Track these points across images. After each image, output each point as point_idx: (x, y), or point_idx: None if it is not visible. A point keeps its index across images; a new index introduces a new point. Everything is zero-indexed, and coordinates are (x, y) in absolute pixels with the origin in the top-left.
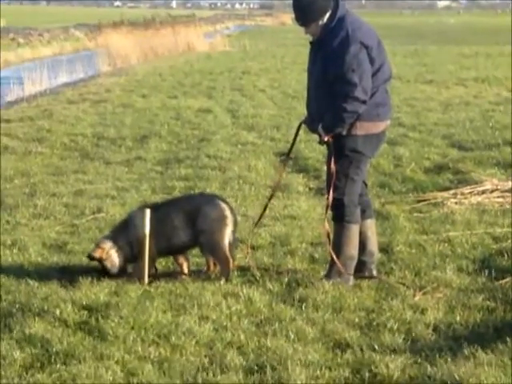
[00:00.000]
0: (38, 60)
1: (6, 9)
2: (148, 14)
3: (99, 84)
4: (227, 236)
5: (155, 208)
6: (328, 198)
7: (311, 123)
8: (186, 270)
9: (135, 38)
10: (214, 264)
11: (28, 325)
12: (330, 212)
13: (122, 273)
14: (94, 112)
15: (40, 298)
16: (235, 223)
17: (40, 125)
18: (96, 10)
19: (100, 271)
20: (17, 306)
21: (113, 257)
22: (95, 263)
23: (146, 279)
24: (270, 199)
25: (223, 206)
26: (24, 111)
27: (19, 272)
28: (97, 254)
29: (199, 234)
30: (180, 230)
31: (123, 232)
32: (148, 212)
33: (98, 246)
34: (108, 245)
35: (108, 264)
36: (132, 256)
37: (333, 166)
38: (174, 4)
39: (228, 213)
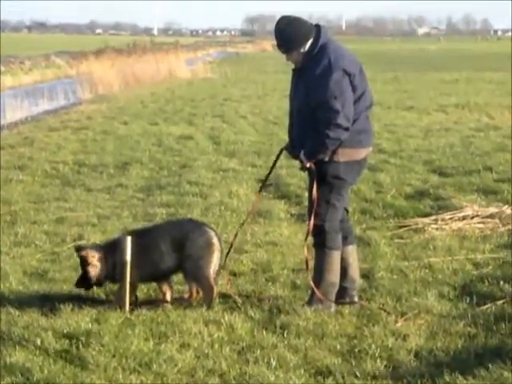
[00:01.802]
0: (19, 87)
1: None
2: (130, 41)
3: (80, 111)
4: (213, 264)
5: (143, 233)
6: (309, 225)
7: (293, 149)
8: (168, 299)
9: (117, 65)
10: (197, 291)
11: (9, 353)
12: (310, 238)
13: (96, 285)
14: (75, 139)
15: (21, 327)
16: (221, 251)
17: (21, 152)
18: (77, 38)
19: (79, 281)
20: None
21: (97, 266)
22: (76, 291)
23: (128, 307)
24: (242, 223)
25: (211, 233)
26: (5, 139)
27: None
28: (85, 254)
29: (185, 259)
30: (167, 255)
31: (111, 251)
32: (129, 239)
33: (90, 249)
34: (98, 254)
35: (91, 271)
36: (112, 276)
37: (314, 192)
38: (155, 31)
39: (215, 240)
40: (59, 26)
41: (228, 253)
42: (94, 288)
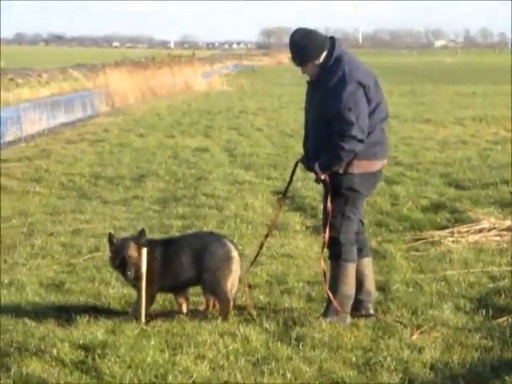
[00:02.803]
0: (36, 100)
1: (5, 50)
2: (147, 54)
3: (97, 124)
4: (231, 276)
5: (164, 243)
6: (324, 237)
7: (308, 161)
8: (184, 311)
9: (134, 78)
10: (214, 304)
11: (25, 364)
12: (326, 250)
13: (134, 281)
14: (91, 151)
15: (37, 338)
16: (240, 264)
17: (38, 165)
18: (95, 51)
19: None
20: (14, 345)
21: (143, 259)
22: (92, 302)
23: (144, 318)
24: (265, 238)
25: (230, 246)
26: (22, 151)
27: (16, 311)
28: (132, 250)
29: (203, 271)
30: (186, 267)
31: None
32: (145, 251)
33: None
34: (145, 249)
35: (135, 265)
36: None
37: (329, 204)
38: (172, 44)
39: (234, 253)
40: (76, 39)
41: (250, 265)
42: (110, 300)
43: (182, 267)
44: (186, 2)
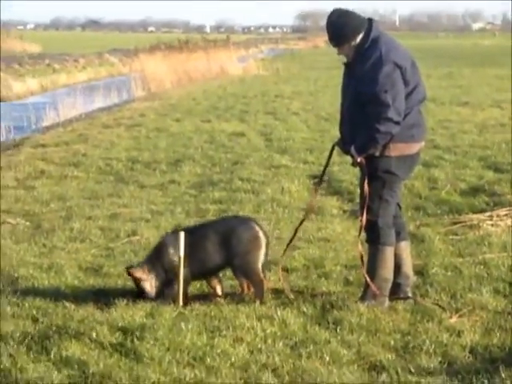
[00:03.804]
0: (73, 85)
1: (42, 35)
2: (183, 38)
3: (133, 108)
4: (260, 258)
5: (189, 231)
6: (361, 220)
7: (344, 145)
8: (219, 292)
9: (169, 63)
10: (248, 286)
11: (65, 347)
12: (363, 234)
13: (157, 297)
14: (128, 136)
15: (76, 321)
16: (268, 245)
17: (75, 149)
18: (130, 36)
19: (136, 294)
20: (54, 328)
21: (151, 279)
22: (131, 285)
23: (181, 301)
24: (301, 222)
25: (257, 228)
26: (60, 136)
27: (56, 295)
28: (138, 274)
29: (233, 256)
30: (214, 253)
31: (158, 258)
32: (182, 235)
33: (137, 267)
34: (147, 268)
35: (147, 286)
36: (167, 281)
37: (366, 187)
38: (207, 29)
39: (261, 234)
40: (113, 24)
41: (286, 249)
42: None
43: (208, 254)
44: None
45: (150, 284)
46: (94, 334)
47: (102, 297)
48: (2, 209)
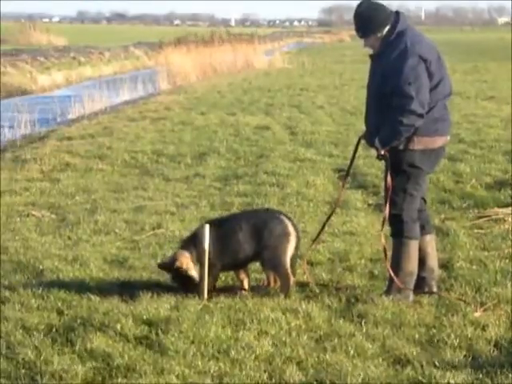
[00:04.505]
0: (98, 78)
1: (68, 28)
2: (208, 32)
3: (159, 102)
4: (289, 252)
5: (221, 222)
6: (385, 214)
7: (369, 137)
8: (246, 286)
9: (194, 56)
10: (275, 280)
11: (89, 339)
12: (387, 228)
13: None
14: (153, 129)
15: (101, 313)
16: (298, 240)
17: (101, 142)
18: (156, 29)
19: (182, 285)
20: (78, 320)
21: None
22: (155, 278)
23: (206, 294)
24: (329, 216)
25: (288, 222)
26: (85, 129)
27: (81, 287)
28: (182, 264)
29: (263, 248)
30: (245, 244)
31: (194, 245)
32: (208, 227)
33: (176, 257)
34: (188, 255)
35: (193, 273)
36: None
37: (389, 180)
38: (232, 22)
39: (292, 229)
40: (138, 17)
41: (313, 243)
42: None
43: (240, 245)
44: None
45: (194, 271)
46: (118, 327)
47: (127, 289)
48: (27, 201)
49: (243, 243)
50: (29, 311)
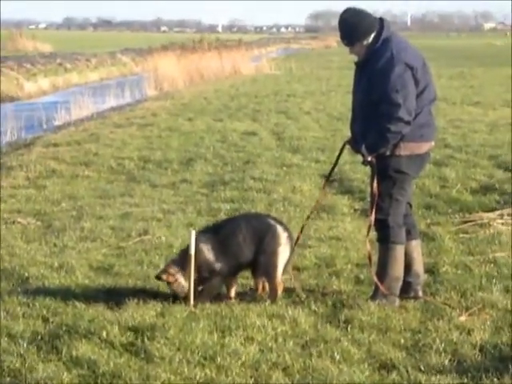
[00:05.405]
0: (85, 85)
1: (54, 34)
2: (195, 38)
3: (146, 108)
4: (283, 261)
5: (221, 226)
6: (371, 219)
7: (355, 143)
8: (232, 294)
9: (182, 62)
10: (263, 287)
11: (75, 346)
12: (373, 233)
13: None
14: (140, 136)
15: (87, 320)
16: (292, 250)
17: (87, 148)
18: (143, 35)
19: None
20: (64, 328)
21: (180, 281)
22: (141, 285)
23: (192, 301)
24: (307, 219)
25: (285, 231)
26: (71, 135)
27: (66, 294)
28: (165, 278)
29: (259, 253)
30: (246, 250)
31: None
32: (194, 233)
33: (166, 269)
34: (175, 269)
35: (176, 288)
36: (199, 280)
37: (376, 186)
38: (219, 28)
39: (289, 238)
40: (125, 24)
41: (295, 243)
42: (159, 283)
43: (241, 250)
44: None
45: (178, 286)
46: (104, 334)
47: (113, 296)
48: (12, 208)
49: (244, 246)
50: (14, 319)
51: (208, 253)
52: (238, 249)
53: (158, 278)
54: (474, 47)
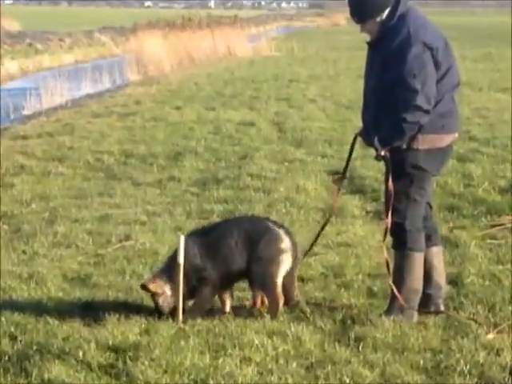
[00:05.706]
0: (58, 68)
1: (23, 10)
2: (183, 14)
3: (127, 95)
4: (283, 271)
5: (211, 229)
6: (387, 223)
7: (367, 135)
8: (227, 309)
9: (169, 43)
10: (262, 301)
11: (47, 368)
12: (389, 238)
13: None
14: (121, 126)
15: (60, 338)
16: (295, 258)
17: (61, 141)
18: (124, 11)
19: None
20: (34, 347)
21: (167, 294)
22: (123, 298)
23: (181, 316)
24: (324, 226)
25: (286, 235)
26: (42, 126)
27: (37, 309)
28: (151, 287)
29: (254, 261)
30: (238, 255)
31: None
32: (183, 238)
33: (153, 278)
34: (163, 279)
35: (162, 302)
36: (189, 293)
37: (391, 184)
38: (212, 3)
39: (289, 244)
40: None
41: (304, 256)
42: (143, 295)
43: (232, 255)
44: None
45: (163, 299)
46: (80, 354)
47: (90, 311)
48: None
49: (237, 253)
50: None
51: (195, 257)
52: (229, 254)
53: (144, 287)
54: (502, 25)
